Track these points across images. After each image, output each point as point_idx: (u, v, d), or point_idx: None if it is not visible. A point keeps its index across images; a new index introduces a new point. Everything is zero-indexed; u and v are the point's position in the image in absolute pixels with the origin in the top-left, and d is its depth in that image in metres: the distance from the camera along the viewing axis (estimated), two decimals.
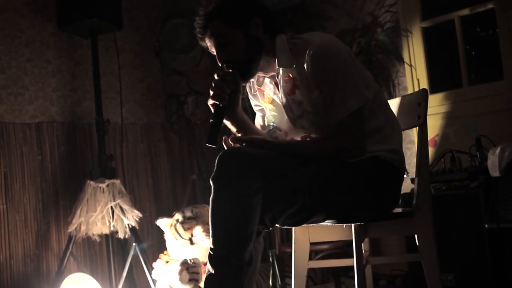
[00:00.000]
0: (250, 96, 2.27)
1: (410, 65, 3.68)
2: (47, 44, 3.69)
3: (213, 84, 1.99)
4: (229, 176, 1.84)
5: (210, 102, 2.00)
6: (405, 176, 2.10)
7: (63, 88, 3.74)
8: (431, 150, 3.46)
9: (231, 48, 2.01)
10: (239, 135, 2.11)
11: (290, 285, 2.40)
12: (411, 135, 3.58)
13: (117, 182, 3.41)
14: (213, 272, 1.83)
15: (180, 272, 3.10)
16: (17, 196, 3.43)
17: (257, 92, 2.22)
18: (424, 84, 3.64)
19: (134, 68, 4.12)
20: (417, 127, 2.19)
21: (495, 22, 3.36)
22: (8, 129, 3.45)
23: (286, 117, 2.10)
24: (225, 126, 2.11)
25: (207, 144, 1.95)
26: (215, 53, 2.06)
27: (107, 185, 3.36)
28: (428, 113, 2.15)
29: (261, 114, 2.25)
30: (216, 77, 2.00)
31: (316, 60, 1.94)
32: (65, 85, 3.75)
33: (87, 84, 3.82)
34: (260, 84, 2.18)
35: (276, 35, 2.05)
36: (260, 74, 2.12)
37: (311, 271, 3.58)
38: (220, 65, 2.06)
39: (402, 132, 2.17)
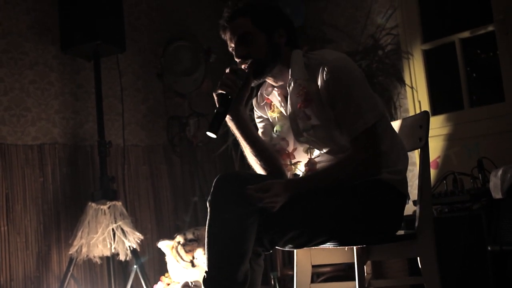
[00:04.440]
0: (255, 108, 2.28)
1: (412, 87, 3.69)
2: (50, 66, 3.71)
3: (224, 76, 2.00)
4: (224, 199, 1.85)
5: (218, 91, 1.99)
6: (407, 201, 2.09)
7: (66, 110, 3.75)
8: (433, 172, 3.46)
9: (252, 47, 2.04)
10: (238, 134, 2.10)
11: None
12: (413, 157, 3.57)
13: (119, 204, 3.41)
14: None
15: None
16: (18, 217, 3.42)
17: (264, 103, 2.24)
18: (426, 106, 3.65)
19: (136, 90, 4.13)
20: (419, 149, 2.19)
21: (496, 44, 3.38)
22: (10, 151, 3.45)
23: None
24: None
25: (207, 132, 1.95)
26: (232, 46, 2.08)
27: (109, 207, 3.35)
28: (429, 135, 2.15)
29: (263, 124, 2.25)
30: (228, 70, 2.01)
31: (331, 77, 1.96)
32: (67, 107, 3.76)
33: (90, 106, 3.83)
34: (268, 93, 2.19)
35: (294, 49, 2.09)
36: (270, 81, 2.14)
37: None
38: (235, 58, 2.07)
39: None
